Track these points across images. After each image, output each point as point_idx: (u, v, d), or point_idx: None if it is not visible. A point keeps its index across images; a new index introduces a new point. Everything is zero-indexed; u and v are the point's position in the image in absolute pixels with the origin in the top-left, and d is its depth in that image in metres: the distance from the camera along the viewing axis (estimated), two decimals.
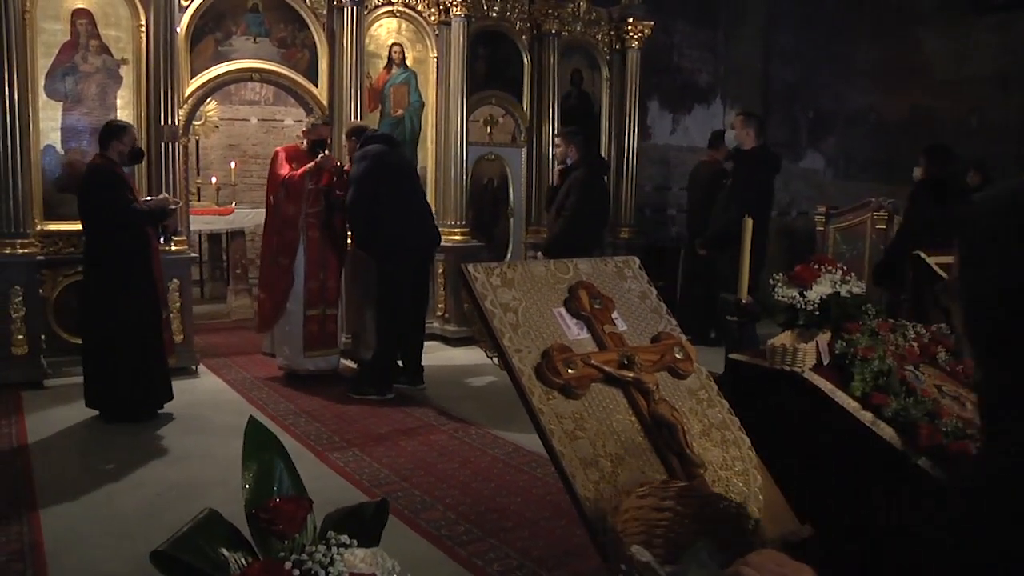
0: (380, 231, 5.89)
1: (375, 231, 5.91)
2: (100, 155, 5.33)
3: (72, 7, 6.23)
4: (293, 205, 6.21)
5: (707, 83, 11.49)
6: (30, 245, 6.06)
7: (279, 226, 6.31)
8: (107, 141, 5.32)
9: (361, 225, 5.96)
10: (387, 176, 5.94)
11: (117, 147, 5.31)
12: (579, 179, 6.28)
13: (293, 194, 6.20)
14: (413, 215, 6.07)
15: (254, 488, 1.73)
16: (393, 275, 5.96)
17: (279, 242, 6.30)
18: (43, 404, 5.59)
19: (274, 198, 6.37)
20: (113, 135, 5.33)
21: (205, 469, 4.52)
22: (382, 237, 5.92)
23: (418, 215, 6.16)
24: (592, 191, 6.34)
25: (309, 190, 6.20)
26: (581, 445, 2.05)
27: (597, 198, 6.46)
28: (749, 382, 2.88)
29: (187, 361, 6.52)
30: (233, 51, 6.94)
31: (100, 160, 5.28)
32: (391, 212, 5.87)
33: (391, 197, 5.89)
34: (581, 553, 3.46)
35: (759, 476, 2.29)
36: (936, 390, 2.82)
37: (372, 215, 5.86)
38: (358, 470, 4.56)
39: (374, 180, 5.84)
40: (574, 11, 8.69)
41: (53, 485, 4.22)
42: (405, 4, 7.72)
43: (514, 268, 2.35)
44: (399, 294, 5.96)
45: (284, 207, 6.24)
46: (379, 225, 5.88)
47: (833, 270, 3.09)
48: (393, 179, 5.99)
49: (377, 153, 5.94)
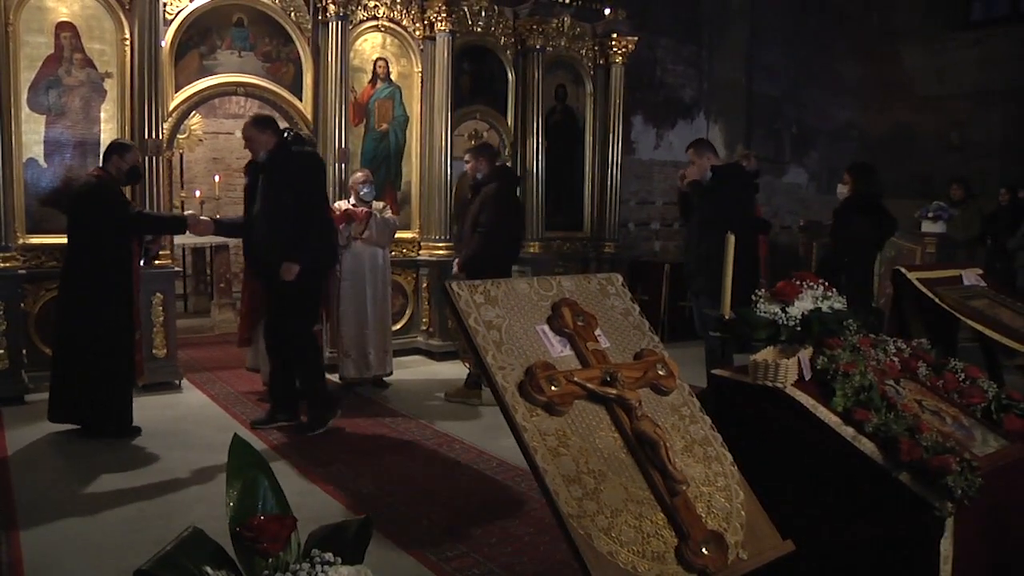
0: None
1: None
2: (100, 169, 5.35)
3: (56, 20, 6.21)
4: None
5: (691, 98, 11.58)
6: (12, 259, 6.02)
7: None
8: (109, 155, 5.35)
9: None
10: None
11: (117, 163, 5.33)
12: (490, 193, 6.18)
13: None
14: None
15: (238, 505, 1.73)
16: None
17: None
18: (24, 419, 5.54)
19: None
20: (116, 151, 5.37)
21: (188, 485, 4.49)
22: None
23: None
24: (505, 204, 6.22)
25: None
26: (564, 462, 2.06)
27: (511, 211, 6.34)
28: (731, 398, 2.89)
29: (170, 376, 6.48)
30: (218, 65, 6.95)
31: (100, 174, 5.29)
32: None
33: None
34: (565, 569, 3.46)
35: (741, 492, 2.30)
36: (917, 405, 2.85)
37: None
38: (342, 486, 4.54)
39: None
40: (558, 26, 8.75)
41: (33, 501, 4.18)
42: (390, 19, 7.75)
43: (497, 286, 2.36)
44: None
45: None
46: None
47: (815, 286, 3.13)
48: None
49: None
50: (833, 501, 2.65)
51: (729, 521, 2.20)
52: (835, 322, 3.04)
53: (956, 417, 2.92)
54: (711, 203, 5.74)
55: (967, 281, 4.39)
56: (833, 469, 2.64)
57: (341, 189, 7.12)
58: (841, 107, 11.62)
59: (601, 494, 2.04)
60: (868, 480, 2.54)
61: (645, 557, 1.99)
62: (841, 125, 11.76)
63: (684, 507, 2.12)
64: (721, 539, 2.12)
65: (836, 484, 2.64)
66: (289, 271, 5.22)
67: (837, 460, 2.61)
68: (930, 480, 2.42)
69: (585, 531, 1.95)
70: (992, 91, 9.91)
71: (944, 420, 2.86)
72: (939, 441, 2.53)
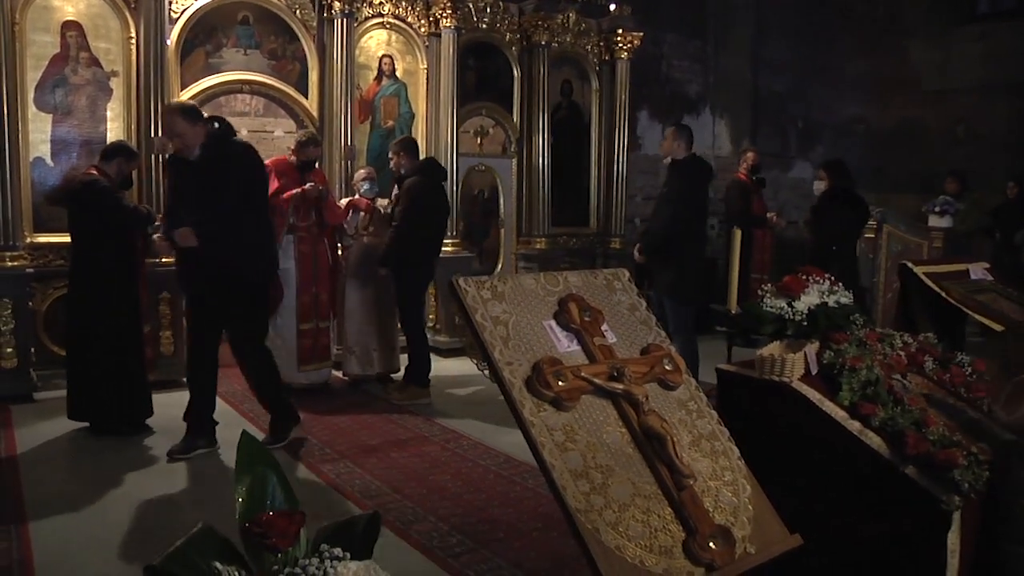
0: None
1: None
2: (97, 168, 5.26)
3: (62, 19, 6.24)
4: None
5: (696, 93, 11.55)
6: (20, 258, 6.05)
7: None
8: (114, 155, 5.30)
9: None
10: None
11: (121, 165, 5.30)
12: (408, 187, 6.11)
13: (275, 215, 6.09)
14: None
15: (247, 501, 1.74)
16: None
17: None
18: (33, 417, 5.56)
19: None
20: (124, 154, 5.34)
21: (196, 482, 4.51)
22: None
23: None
24: (421, 198, 6.10)
25: (299, 205, 6.14)
26: (572, 457, 2.06)
27: (429, 205, 6.20)
28: (738, 393, 2.90)
29: (178, 373, 6.48)
30: (223, 63, 6.97)
31: (98, 174, 5.23)
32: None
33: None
34: (573, 564, 3.47)
35: (748, 486, 2.30)
36: (923, 399, 2.85)
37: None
38: (350, 482, 4.55)
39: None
40: (564, 22, 8.74)
41: (43, 499, 4.20)
42: (395, 16, 7.75)
43: (504, 281, 2.37)
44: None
45: None
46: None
47: (821, 281, 3.13)
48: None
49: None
50: (840, 495, 2.65)
51: (736, 515, 2.20)
52: (841, 316, 3.04)
53: (963, 411, 2.92)
54: (670, 198, 6.05)
55: (974, 275, 4.38)
56: (840, 463, 2.64)
57: (347, 187, 7.13)
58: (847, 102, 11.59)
59: (609, 489, 2.05)
60: (875, 474, 2.54)
61: (653, 551, 2.00)
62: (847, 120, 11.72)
63: (691, 501, 2.12)
64: (728, 533, 2.13)
65: (843, 478, 2.64)
66: (186, 236, 4.61)
67: (844, 454, 2.61)
68: (937, 474, 2.43)
69: (593, 526, 1.95)
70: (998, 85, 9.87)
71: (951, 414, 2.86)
72: (946, 435, 2.53)
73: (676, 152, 6.12)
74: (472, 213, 8.57)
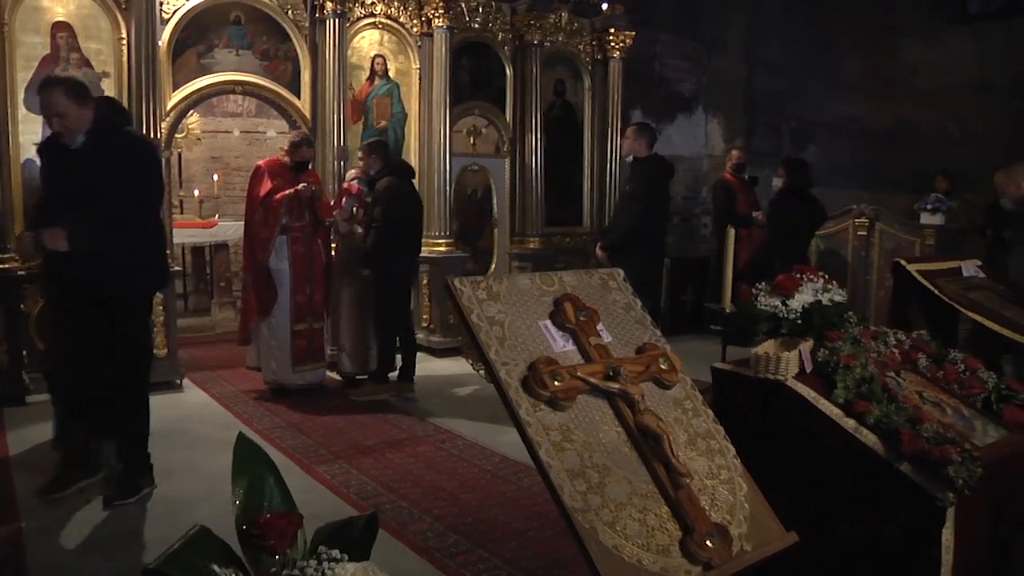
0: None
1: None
2: None
3: (52, 20, 6.19)
4: (267, 229, 6.11)
5: (690, 92, 11.56)
6: (10, 260, 6.01)
7: (252, 245, 6.26)
8: None
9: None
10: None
11: None
12: (382, 187, 6.17)
13: (269, 216, 6.11)
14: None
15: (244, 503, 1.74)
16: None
17: (251, 260, 6.29)
18: (25, 420, 5.53)
19: (250, 216, 6.29)
20: None
21: (191, 484, 4.49)
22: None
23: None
24: (398, 198, 6.19)
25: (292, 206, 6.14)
26: (568, 456, 2.06)
27: (406, 204, 6.30)
28: (733, 391, 2.90)
29: (172, 375, 6.48)
30: (215, 64, 6.94)
31: None
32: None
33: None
34: (570, 564, 3.48)
35: (744, 484, 2.31)
36: (917, 396, 2.86)
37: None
38: (346, 483, 4.55)
39: None
40: (556, 21, 8.75)
41: (36, 502, 4.18)
42: (387, 16, 7.74)
43: (500, 281, 2.37)
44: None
45: (259, 229, 6.16)
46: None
47: (815, 279, 3.13)
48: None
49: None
50: (835, 492, 2.66)
51: (733, 514, 2.21)
52: (836, 315, 3.05)
53: (956, 408, 2.93)
54: (636, 196, 6.16)
55: (966, 272, 4.40)
56: (835, 461, 2.65)
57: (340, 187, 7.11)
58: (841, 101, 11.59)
59: (605, 488, 2.05)
60: (870, 471, 2.55)
61: (650, 550, 2.00)
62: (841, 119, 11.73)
63: (688, 500, 2.13)
64: (725, 532, 2.13)
65: (838, 476, 2.65)
66: (55, 238, 3.84)
67: (839, 452, 2.62)
68: (931, 470, 2.44)
69: (590, 525, 1.95)
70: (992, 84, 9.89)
71: (944, 411, 2.87)
72: (940, 432, 2.54)
73: (638, 151, 6.19)
74: (465, 213, 8.56)
